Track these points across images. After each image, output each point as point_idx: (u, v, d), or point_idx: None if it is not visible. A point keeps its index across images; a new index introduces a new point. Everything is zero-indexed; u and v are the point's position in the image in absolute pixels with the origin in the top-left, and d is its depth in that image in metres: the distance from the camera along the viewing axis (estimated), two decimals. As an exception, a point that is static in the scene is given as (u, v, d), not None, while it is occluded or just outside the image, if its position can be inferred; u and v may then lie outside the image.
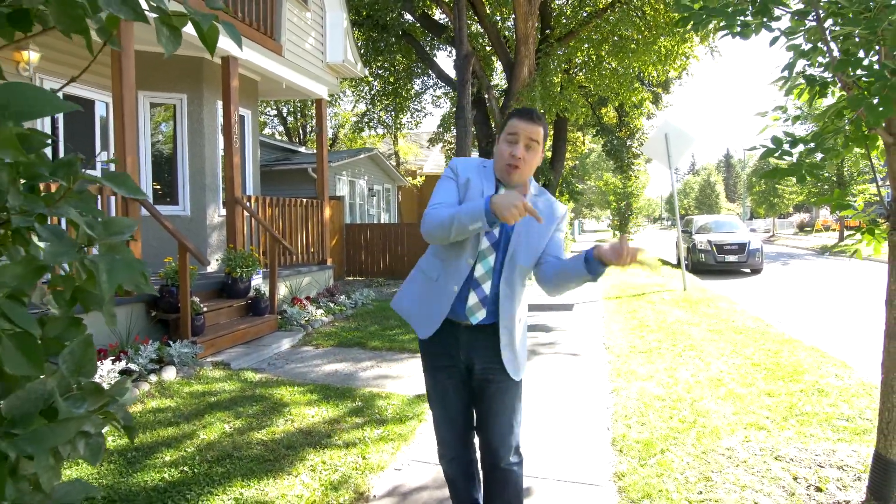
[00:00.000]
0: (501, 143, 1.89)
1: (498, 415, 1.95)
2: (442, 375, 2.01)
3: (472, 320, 1.88)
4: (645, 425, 3.41)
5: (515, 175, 1.85)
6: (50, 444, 0.75)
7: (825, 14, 2.06)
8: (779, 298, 9.78)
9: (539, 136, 1.85)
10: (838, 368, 4.60)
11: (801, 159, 2.02)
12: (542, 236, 1.92)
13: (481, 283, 1.88)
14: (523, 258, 1.88)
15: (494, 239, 1.88)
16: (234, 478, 2.76)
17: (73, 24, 0.71)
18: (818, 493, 2.53)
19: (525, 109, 1.88)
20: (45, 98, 0.62)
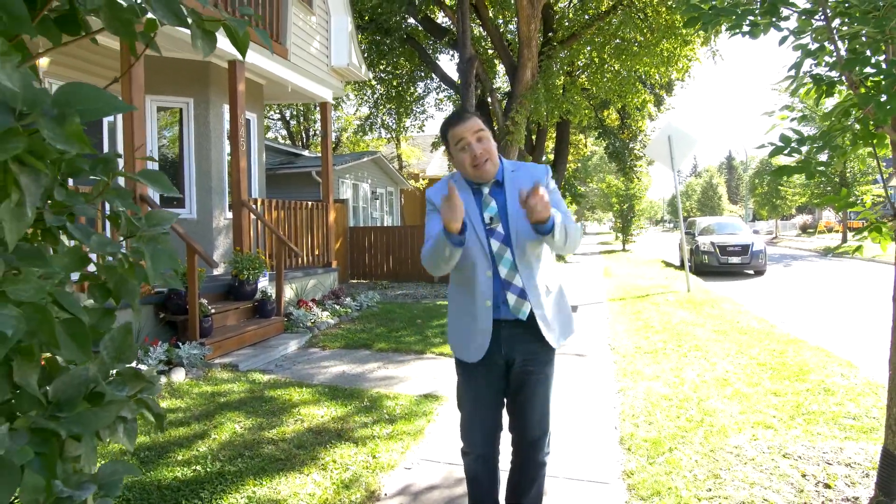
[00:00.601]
0: (456, 154, 1.94)
1: (536, 407, 2.00)
2: (479, 372, 2.00)
3: (520, 316, 1.91)
4: (652, 424, 3.43)
5: (489, 167, 1.90)
6: (95, 426, 0.78)
7: (833, 14, 2.09)
8: (783, 299, 9.78)
9: (479, 125, 1.90)
10: (844, 368, 4.61)
11: (810, 157, 2.05)
12: None
13: (511, 280, 1.91)
14: (525, 233, 1.90)
15: (503, 236, 1.92)
16: (246, 476, 2.78)
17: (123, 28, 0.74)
18: (827, 489, 2.55)
19: (452, 115, 1.96)
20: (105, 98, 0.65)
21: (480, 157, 1.88)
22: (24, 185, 0.61)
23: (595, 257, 20.45)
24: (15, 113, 0.58)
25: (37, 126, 0.58)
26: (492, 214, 1.94)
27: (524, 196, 1.72)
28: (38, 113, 0.58)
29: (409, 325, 6.83)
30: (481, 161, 1.89)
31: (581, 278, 12.42)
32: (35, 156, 0.61)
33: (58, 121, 0.60)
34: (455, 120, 1.92)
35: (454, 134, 1.91)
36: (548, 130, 15.65)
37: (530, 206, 1.71)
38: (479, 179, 1.94)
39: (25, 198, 0.61)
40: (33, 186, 0.62)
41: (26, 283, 0.64)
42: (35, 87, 0.61)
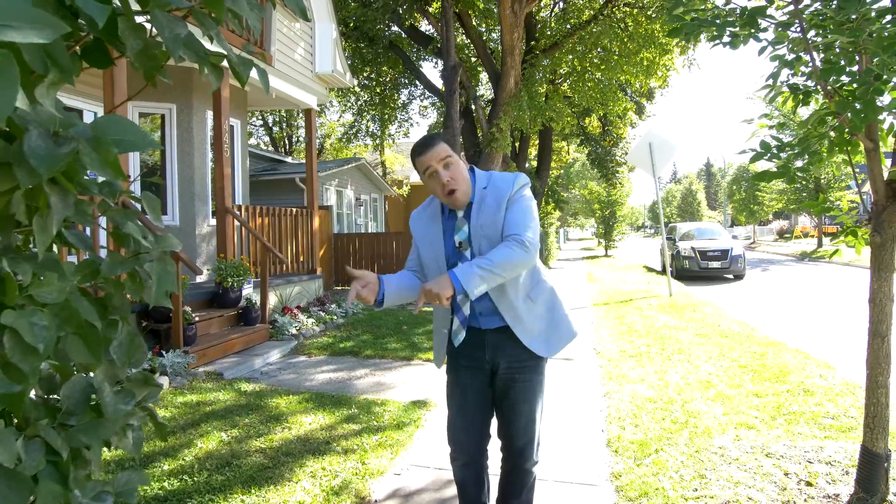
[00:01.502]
0: (426, 181, 1.93)
1: (522, 414, 1.96)
2: (464, 374, 2.02)
3: (454, 341, 1.96)
4: (638, 426, 3.48)
5: (459, 196, 1.89)
6: (104, 435, 0.78)
7: (808, 25, 2.17)
8: (762, 303, 9.98)
9: (446, 152, 1.88)
10: (822, 369, 4.72)
11: (789, 163, 2.12)
12: (495, 223, 1.90)
13: (462, 306, 1.93)
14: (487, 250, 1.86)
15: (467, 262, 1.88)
16: (234, 485, 2.76)
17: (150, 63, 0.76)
18: (809, 487, 2.61)
19: (417, 144, 1.92)
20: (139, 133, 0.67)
21: (447, 186, 1.86)
22: (53, 203, 0.63)
23: (578, 263, 20.64)
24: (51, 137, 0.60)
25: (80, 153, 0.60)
26: (461, 239, 1.93)
27: (419, 305, 1.79)
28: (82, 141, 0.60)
29: (396, 331, 6.82)
30: (449, 189, 1.87)
31: (565, 284, 12.52)
32: (66, 177, 0.63)
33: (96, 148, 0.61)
34: (420, 149, 1.90)
35: (420, 163, 1.90)
36: (531, 137, 15.82)
37: (428, 301, 1.75)
38: (452, 205, 1.94)
39: (53, 214, 0.63)
40: (61, 205, 0.64)
41: (49, 286, 0.65)
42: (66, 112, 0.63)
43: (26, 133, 0.62)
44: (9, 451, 0.68)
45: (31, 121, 0.64)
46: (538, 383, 2.00)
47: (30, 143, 0.61)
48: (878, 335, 2.41)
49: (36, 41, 0.55)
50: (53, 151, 0.62)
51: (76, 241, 0.94)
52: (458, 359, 2.04)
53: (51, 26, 0.56)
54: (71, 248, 0.98)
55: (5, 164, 0.63)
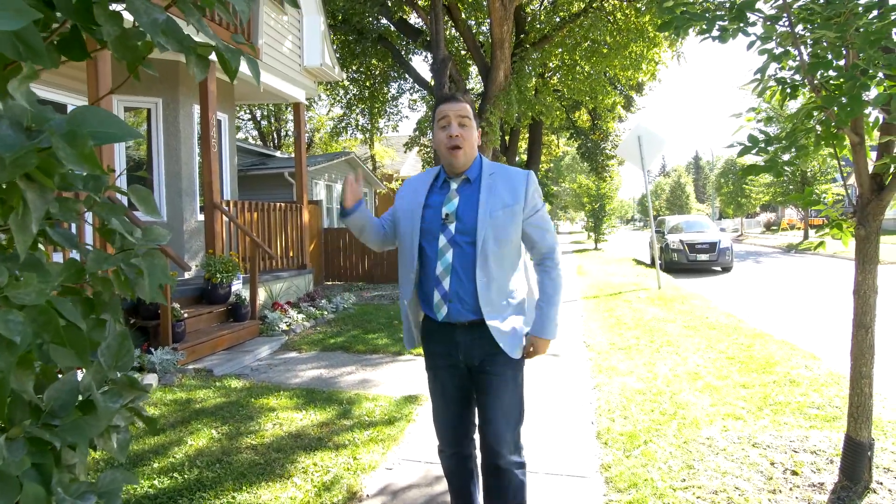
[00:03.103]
0: (436, 132, 1.92)
1: (496, 409, 1.92)
2: (442, 373, 2.03)
3: (437, 316, 1.91)
4: (628, 418, 3.51)
5: (460, 155, 1.87)
6: (89, 434, 0.77)
7: (796, 19, 2.18)
8: (749, 295, 10.08)
9: (468, 112, 1.88)
10: (808, 360, 4.79)
11: (776, 156, 2.14)
12: (511, 221, 1.89)
13: (441, 280, 1.90)
14: (492, 246, 1.86)
15: (450, 234, 1.89)
16: (225, 482, 2.75)
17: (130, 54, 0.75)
18: (794, 476, 2.65)
19: (446, 94, 1.94)
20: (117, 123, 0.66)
21: (454, 139, 1.85)
22: (30, 199, 0.61)
23: (568, 256, 20.72)
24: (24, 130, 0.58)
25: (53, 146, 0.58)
26: (449, 211, 1.91)
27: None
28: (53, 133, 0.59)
29: (386, 327, 6.81)
30: (454, 143, 1.86)
31: (555, 277, 12.54)
32: (43, 172, 0.61)
33: (71, 142, 0.60)
34: (446, 98, 1.91)
35: (440, 111, 1.90)
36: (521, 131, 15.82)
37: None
38: (450, 167, 1.92)
39: (31, 212, 0.61)
40: (39, 201, 0.62)
41: (27, 288, 0.64)
42: (39, 106, 0.61)
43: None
44: (-8, 451, 0.67)
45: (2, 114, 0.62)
46: (516, 378, 1.96)
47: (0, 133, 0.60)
48: (863, 326, 2.45)
49: (4, 29, 0.53)
50: (22, 141, 0.60)
51: (61, 240, 0.93)
52: (435, 358, 2.03)
53: (20, 12, 0.55)
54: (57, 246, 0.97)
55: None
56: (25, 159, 0.59)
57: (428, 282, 1.94)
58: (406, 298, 2.01)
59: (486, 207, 1.87)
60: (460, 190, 1.94)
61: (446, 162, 1.92)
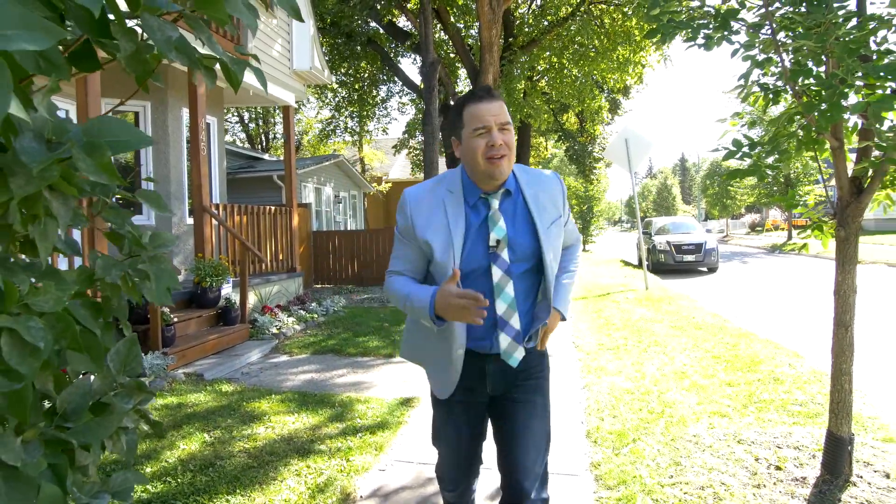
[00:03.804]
0: (467, 140, 1.55)
1: (525, 441, 1.65)
2: (459, 410, 1.72)
3: (511, 362, 1.60)
4: (617, 417, 3.57)
5: (505, 166, 1.53)
6: (101, 435, 0.80)
7: (778, 27, 2.26)
8: (734, 295, 10.24)
9: (507, 113, 1.57)
10: (791, 358, 4.89)
11: (759, 160, 2.20)
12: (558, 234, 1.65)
13: (508, 319, 1.58)
14: (552, 268, 1.62)
15: (507, 265, 1.57)
16: (218, 486, 2.76)
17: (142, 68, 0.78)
18: (778, 471, 2.72)
19: (480, 90, 1.57)
20: (132, 132, 0.68)
21: (499, 149, 1.51)
22: (56, 208, 0.64)
23: (557, 258, 20.78)
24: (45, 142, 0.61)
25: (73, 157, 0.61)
26: (499, 237, 1.56)
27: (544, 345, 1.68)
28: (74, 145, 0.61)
29: (377, 329, 6.83)
30: (498, 154, 1.51)
31: (544, 279, 12.64)
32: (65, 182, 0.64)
33: (90, 152, 0.63)
34: (479, 97, 1.55)
35: (475, 114, 1.53)
36: (509, 134, 15.89)
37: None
38: (489, 179, 1.55)
39: (57, 221, 0.64)
40: (63, 210, 0.65)
41: (46, 296, 0.67)
42: (59, 117, 0.64)
43: (19, 136, 0.63)
44: (11, 451, 0.69)
45: (25, 126, 0.65)
46: (542, 406, 1.70)
47: (22, 144, 0.63)
48: (843, 325, 2.52)
49: (32, 48, 0.56)
50: (45, 153, 0.63)
51: (65, 247, 0.95)
52: (453, 392, 1.69)
53: (47, 31, 0.58)
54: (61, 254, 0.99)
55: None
56: (49, 171, 0.62)
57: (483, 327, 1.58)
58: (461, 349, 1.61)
59: (542, 223, 1.60)
60: (501, 207, 1.60)
61: (485, 174, 1.54)
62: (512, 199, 1.62)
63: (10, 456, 0.69)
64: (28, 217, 0.67)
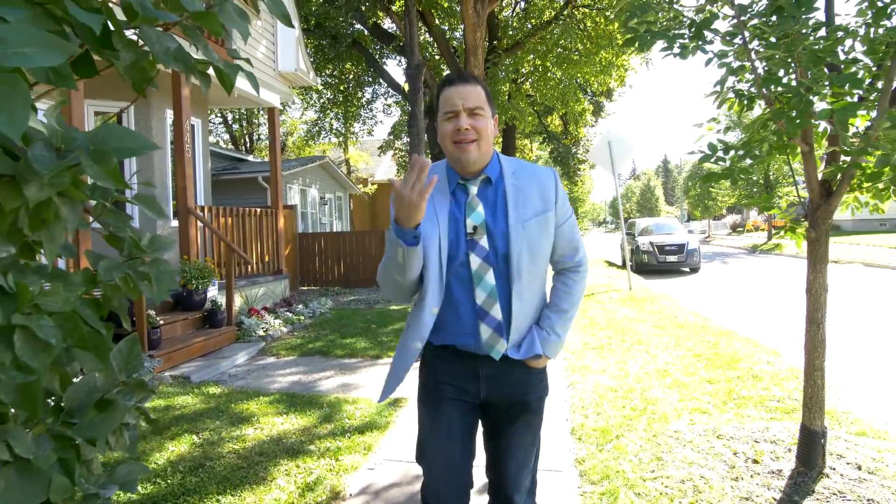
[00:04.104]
0: (441, 124, 1.54)
1: (518, 460, 1.63)
2: (450, 407, 1.60)
3: (493, 355, 1.55)
4: (600, 414, 3.65)
5: (472, 150, 1.49)
6: (105, 431, 0.84)
7: (751, 35, 2.35)
8: (716, 294, 10.43)
9: (481, 98, 1.51)
10: (770, 356, 5.02)
11: (733, 164, 2.29)
12: (545, 231, 1.57)
13: (488, 309, 1.53)
14: (526, 263, 1.54)
15: (486, 252, 1.52)
16: (208, 486, 2.77)
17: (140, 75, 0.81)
18: (755, 464, 2.82)
19: (454, 74, 1.56)
20: (135, 138, 0.72)
21: (465, 134, 1.47)
22: (65, 213, 0.68)
23: (542, 259, 20.95)
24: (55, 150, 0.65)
25: (82, 165, 0.65)
26: (476, 222, 1.52)
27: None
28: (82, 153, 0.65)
29: (364, 331, 6.86)
30: (465, 137, 1.48)
31: (530, 279, 12.75)
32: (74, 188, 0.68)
33: (97, 159, 0.67)
34: (454, 80, 1.52)
35: (445, 98, 1.51)
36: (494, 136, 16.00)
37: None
38: (460, 165, 1.52)
39: (67, 224, 0.68)
40: (72, 214, 0.69)
41: (55, 296, 0.70)
42: (66, 126, 0.68)
43: (31, 145, 0.67)
44: (24, 444, 0.73)
45: (37, 136, 0.69)
46: (538, 423, 1.68)
47: (34, 153, 0.66)
48: (815, 322, 2.62)
49: (47, 65, 0.60)
50: (55, 161, 0.67)
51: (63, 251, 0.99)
52: (442, 389, 1.61)
53: (61, 48, 0.62)
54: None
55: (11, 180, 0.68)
56: (60, 177, 0.66)
57: (464, 316, 1.55)
58: (420, 341, 1.57)
59: (516, 214, 1.53)
60: (481, 194, 1.56)
61: (454, 158, 1.53)
62: (494, 187, 1.56)
63: (23, 449, 0.73)
64: (36, 221, 0.71)
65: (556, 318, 1.61)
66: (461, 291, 1.54)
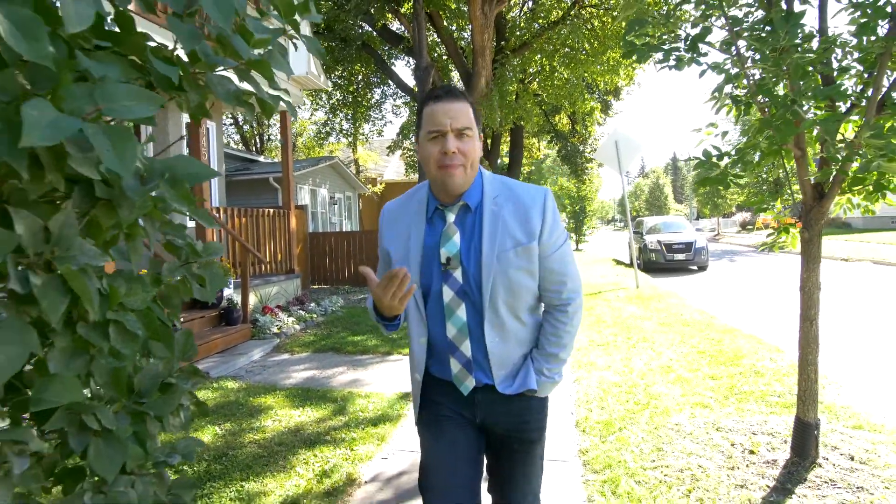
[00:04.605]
0: (424, 145, 1.41)
1: (523, 488, 1.57)
2: (450, 425, 1.53)
3: (462, 390, 1.49)
4: (604, 408, 3.79)
5: (458, 175, 1.38)
6: (167, 410, 1.00)
7: (746, 47, 2.47)
8: (723, 292, 10.50)
9: (469, 117, 1.38)
10: (772, 353, 5.13)
11: (726, 170, 2.42)
12: (520, 264, 1.42)
13: (458, 345, 1.46)
14: (503, 296, 1.42)
15: (459, 285, 1.43)
16: (232, 473, 2.95)
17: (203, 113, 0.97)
18: (751, 455, 2.95)
19: (441, 88, 1.41)
20: (201, 167, 0.88)
21: (452, 158, 1.36)
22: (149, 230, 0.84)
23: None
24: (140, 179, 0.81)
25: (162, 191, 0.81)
26: (450, 253, 1.42)
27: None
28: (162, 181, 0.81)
29: (374, 329, 7.02)
30: (452, 163, 1.36)
31: (537, 278, 12.87)
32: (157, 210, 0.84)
33: (173, 186, 0.83)
34: (440, 95, 1.39)
35: (430, 115, 1.38)
36: (502, 135, 16.14)
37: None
38: (444, 191, 1.41)
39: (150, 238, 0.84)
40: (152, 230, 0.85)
41: (135, 296, 0.86)
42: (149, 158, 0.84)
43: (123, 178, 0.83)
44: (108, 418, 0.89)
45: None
46: (540, 448, 1.61)
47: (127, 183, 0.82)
48: (808, 319, 2.75)
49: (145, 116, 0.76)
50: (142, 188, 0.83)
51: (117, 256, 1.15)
52: (439, 408, 1.56)
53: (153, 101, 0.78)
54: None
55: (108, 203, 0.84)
56: (145, 202, 0.82)
57: (439, 347, 1.50)
58: (418, 373, 1.55)
59: (491, 245, 1.40)
60: (459, 222, 1.45)
61: (437, 183, 1.41)
62: (473, 214, 1.44)
63: (108, 421, 0.89)
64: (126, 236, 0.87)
65: (544, 361, 1.49)
66: (435, 323, 1.48)
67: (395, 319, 1.45)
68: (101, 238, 0.83)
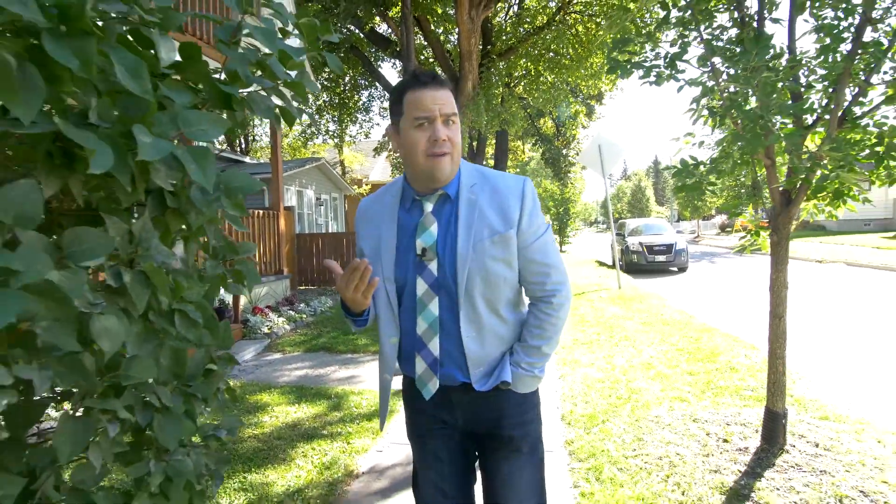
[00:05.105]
0: (407, 133, 1.33)
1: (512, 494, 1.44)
2: (432, 439, 1.49)
3: (424, 394, 1.43)
4: (588, 403, 3.97)
5: (446, 164, 1.33)
6: (210, 392, 1.15)
7: (721, 63, 2.67)
8: (702, 293, 10.81)
9: (453, 103, 1.35)
10: (747, 350, 5.38)
11: (702, 178, 2.61)
12: (498, 253, 1.36)
13: (427, 342, 1.39)
14: (480, 287, 1.36)
15: (434, 278, 1.37)
16: (234, 466, 3.07)
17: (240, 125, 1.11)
18: (725, 443, 3.15)
19: (424, 74, 1.34)
20: (249, 180, 1.03)
21: (441, 145, 1.31)
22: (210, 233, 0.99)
23: (534, 258, 21.29)
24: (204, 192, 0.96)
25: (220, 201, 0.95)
26: (426, 244, 1.37)
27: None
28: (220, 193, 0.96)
29: (364, 329, 7.13)
30: (441, 150, 1.31)
31: (522, 279, 13.08)
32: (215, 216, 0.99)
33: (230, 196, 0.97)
34: (426, 81, 1.32)
35: (416, 101, 1.31)
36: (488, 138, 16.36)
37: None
38: (428, 180, 1.35)
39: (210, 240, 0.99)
40: (213, 234, 0.99)
41: (193, 290, 1.01)
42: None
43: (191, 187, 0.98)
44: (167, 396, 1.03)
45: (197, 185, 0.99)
46: (532, 450, 1.48)
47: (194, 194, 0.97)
48: (776, 316, 2.96)
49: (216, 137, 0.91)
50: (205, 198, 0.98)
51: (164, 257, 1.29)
52: (423, 419, 1.51)
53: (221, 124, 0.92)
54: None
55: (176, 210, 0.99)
56: (212, 210, 0.97)
57: (407, 343, 1.44)
58: (388, 373, 1.50)
59: (466, 235, 1.35)
60: (437, 212, 1.39)
61: (424, 173, 1.35)
62: (452, 204, 1.39)
63: (167, 400, 1.03)
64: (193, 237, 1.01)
65: (524, 353, 1.41)
66: (406, 318, 1.42)
67: (363, 314, 1.43)
68: (167, 241, 0.97)
